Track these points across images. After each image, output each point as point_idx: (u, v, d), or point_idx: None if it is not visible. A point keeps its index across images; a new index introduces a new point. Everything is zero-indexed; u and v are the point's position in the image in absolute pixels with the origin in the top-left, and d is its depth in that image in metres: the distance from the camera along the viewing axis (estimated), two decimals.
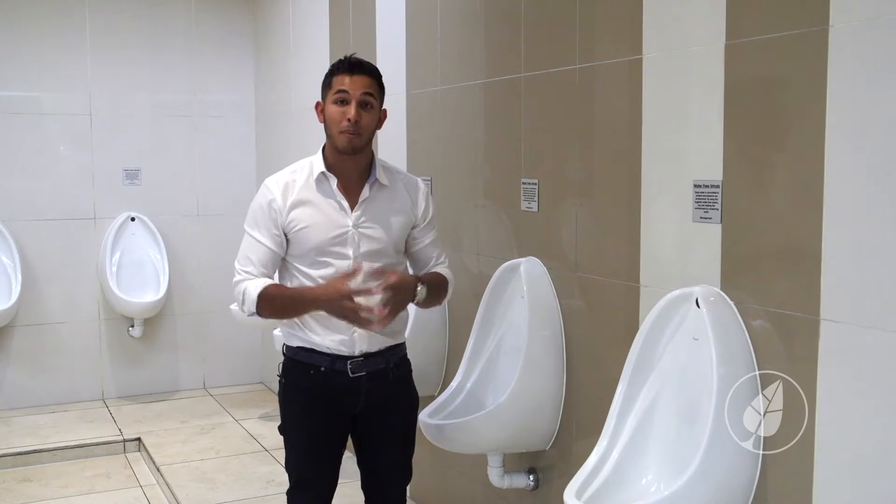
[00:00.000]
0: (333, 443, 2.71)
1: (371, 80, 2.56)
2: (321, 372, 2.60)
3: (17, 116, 5.44)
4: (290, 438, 2.74)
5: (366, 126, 2.54)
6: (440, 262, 2.76)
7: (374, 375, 2.63)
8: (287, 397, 2.73)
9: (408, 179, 2.72)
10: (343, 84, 2.53)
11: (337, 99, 2.53)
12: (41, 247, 5.51)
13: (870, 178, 1.88)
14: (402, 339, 2.73)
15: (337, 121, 2.53)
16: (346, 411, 2.66)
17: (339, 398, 2.63)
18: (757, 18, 2.14)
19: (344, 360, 2.59)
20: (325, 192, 2.58)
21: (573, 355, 2.88)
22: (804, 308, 2.03)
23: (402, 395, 2.74)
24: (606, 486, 2.25)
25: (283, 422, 2.77)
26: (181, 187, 5.87)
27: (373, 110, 2.56)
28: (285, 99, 5.44)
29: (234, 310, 5.08)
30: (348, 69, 2.54)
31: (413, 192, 2.69)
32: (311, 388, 2.63)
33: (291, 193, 2.57)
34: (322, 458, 2.70)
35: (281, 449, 4.77)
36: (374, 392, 2.64)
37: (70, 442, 4.87)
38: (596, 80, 2.70)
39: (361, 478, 2.82)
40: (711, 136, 2.27)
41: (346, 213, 2.57)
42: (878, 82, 1.85)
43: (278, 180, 2.60)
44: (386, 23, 4.05)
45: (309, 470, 2.70)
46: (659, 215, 2.48)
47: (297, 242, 2.57)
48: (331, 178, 2.58)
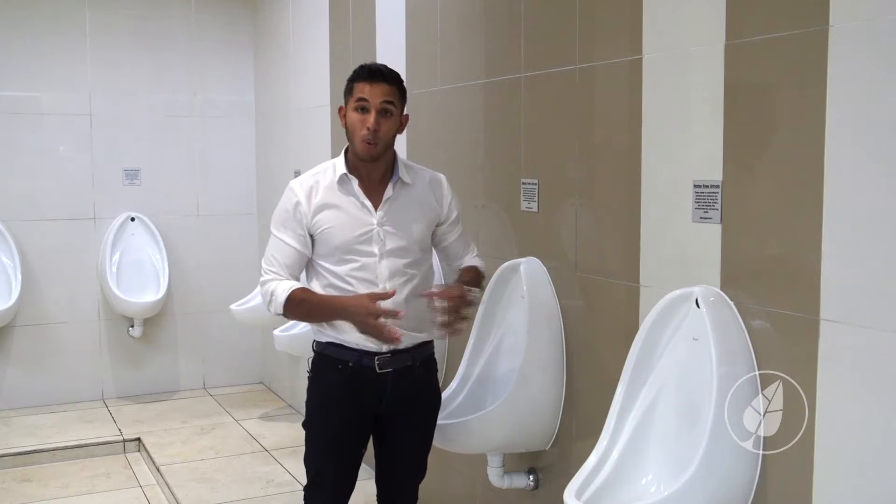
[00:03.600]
0: (355, 440, 2.73)
1: (391, 88, 2.60)
2: (349, 367, 2.64)
3: (18, 116, 5.45)
4: (312, 432, 2.75)
5: (385, 134, 2.59)
6: (468, 253, 2.84)
7: (401, 372, 2.66)
8: (313, 391, 2.75)
9: (432, 176, 2.77)
10: (363, 92, 2.57)
11: (357, 107, 2.58)
12: (41, 247, 5.52)
13: (870, 178, 1.88)
14: (429, 336, 2.75)
15: (357, 129, 2.58)
16: (370, 408, 2.69)
17: (365, 394, 2.66)
18: (757, 18, 2.14)
19: (371, 355, 2.63)
20: (348, 192, 2.64)
21: (573, 355, 2.88)
22: (804, 308, 2.03)
23: (425, 393, 2.77)
24: (606, 486, 2.25)
25: (307, 416, 2.78)
26: (181, 187, 5.87)
27: (392, 117, 2.60)
28: (285, 99, 5.44)
29: (234, 309, 5.09)
30: (368, 77, 2.59)
31: (437, 189, 2.75)
32: (337, 382, 2.66)
33: (316, 195, 2.62)
34: (343, 453, 2.72)
35: (281, 449, 4.81)
36: (399, 389, 2.67)
37: (70, 442, 4.88)
38: (596, 80, 2.70)
39: (376, 471, 2.85)
40: (711, 136, 2.27)
41: (369, 212, 2.62)
42: (878, 82, 1.85)
43: (303, 183, 2.65)
44: (386, 23, 4.05)
45: (328, 465, 2.72)
46: (659, 215, 2.48)
47: (322, 242, 2.63)
48: (352, 180, 2.64)
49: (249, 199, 6.04)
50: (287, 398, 5.69)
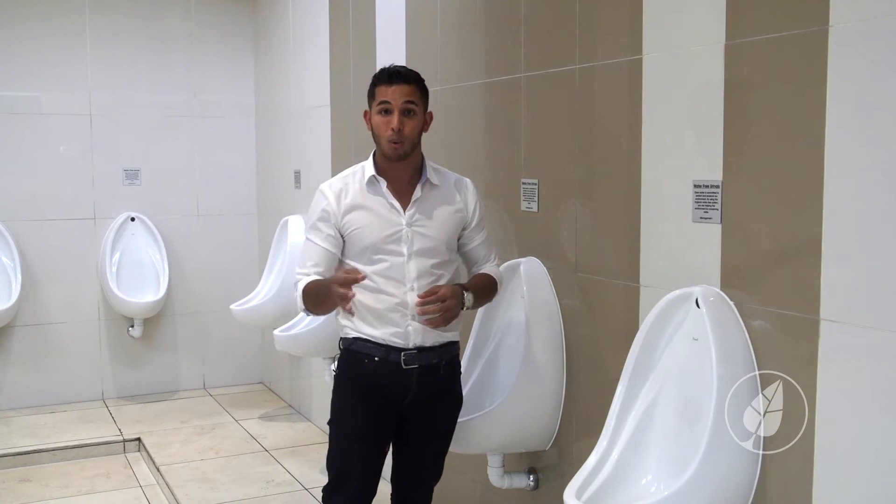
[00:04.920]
0: (378, 438, 2.74)
1: (411, 88, 2.63)
2: (375, 361, 2.65)
3: (18, 116, 5.44)
4: (336, 430, 2.76)
5: (409, 133, 2.63)
6: (489, 261, 2.84)
7: (426, 370, 2.67)
8: (339, 388, 2.76)
9: (458, 179, 2.80)
10: (385, 95, 2.62)
11: (380, 109, 2.64)
12: (41, 247, 5.52)
13: (870, 177, 1.88)
14: (455, 336, 2.76)
15: (382, 130, 2.63)
16: (393, 406, 2.69)
17: (389, 389, 2.67)
18: (757, 18, 2.14)
19: (398, 351, 2.64)
20: (377, 193, 2.68)
21: (573, 355, 2.88)
22: (804, 308, 2.03)
23: (448, 394, 2.77)
24: (606, 486, 2.25)
25: (332, 413, 2.79)
26: (181, 187, 5.87)
27: (416, 116, 2.64)
28: (285, 99, 5.44)
29: (234, 309, 5.09)
30: (388, 80, 2.63)
31: (463, 192, 2.78)
32: (363, 376, 2.67)
33: (346, 197, 2.67)
34: (366, 452, 2.72)
35: (281, 449, 4.81)
36: (423, 387, 2.67)
37: (70, 442, 4.87)
38: (596, 80, 2.70)
39: (393, 470, 2.85)
40: (711, 136, 2.27)
41: (398, 212, 2.66)
42: (878, 82, 1.86)
43: (332, 186, 2.71)
44: (386, 23, 4.05)
45: (352, 464, 2.72)
46: (659, 215, 2.48)
47: (352, 243, 2.67)
48: (381, 181, 2.68)
49: (249, 200, 6.03)
50: (287, 398, 5.69)
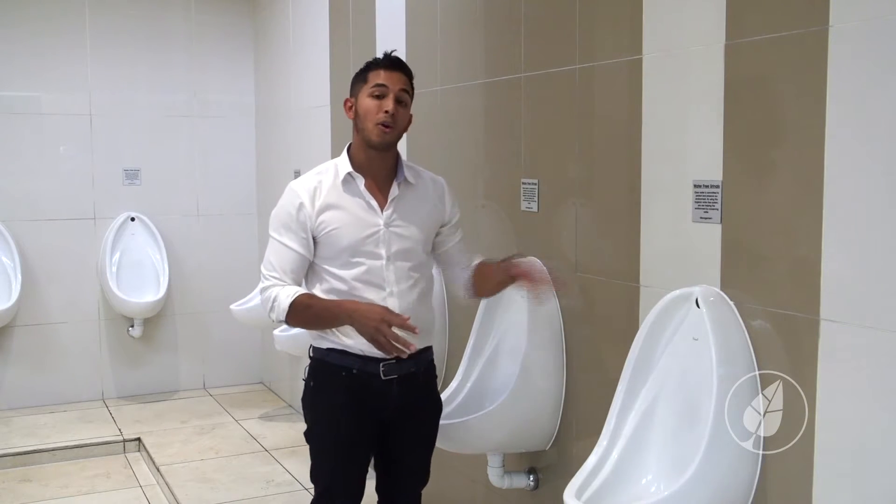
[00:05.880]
0: (363, 449, 2.64)
1: (407, 79, 2.58)
2: (353, 374, 2.55)
3: (18, 116, 5.45)
4: (317, 444, 2.65)
5: (401, 121, 2.55)
6: (471, 260, 2.76)
7: (405, 379, 2.59)
8: (315, 401, 2.64)
9: (432, 177, 2.72)
10: (380, 78, 2.53)
11: (373, 93, 2.52)
12: (41, 247, 5.52)
13: (870, 177, 1.88)
14: (430, 341, 2.70)
15: (373, 112, 2.51)
16: (375, 416, 2.61)
17: (369, 401, 2.57)
18: (757, 18, 2.14)
19: (376, 362, 2.54)
20: (353, 192, 2.55)
21: (573, 355, 2.88)
22: (804, 308, 2.03)
23: (427, 399, 2.73)
24: (606, 486, 2.25)
25: (309, 427, 2.67)
26: (181, 187, 5.87)
27: (406, 108, 2.58)
28: (285, 99, 5.44)
29: (234, 309, 5.09)
30: (387, 65, 2.56)
31: (440, 190, 2.70)
32: (340, 390, 2.56)
33: (319, 196, 2.53)
34: (351, 464, 2.62)
35: (281, 449, 4.81)
36: (403, 397, 2.60)
37: (70, 442, 4.88)
38: (596, 80, 2.70)
39: (377, 479, 2.77)
40: (711, 136, 2.27)
41: (376, 212, 2.55)
42: (878, 82, 1.85)
43: (305, 184, 2.56)
44: (386, 23, 4.05)
45: (338, 477, 2.62)
46: (659, 215, 2.48)
47: (327, 244, 2.53)
48: (357, 179, 2.56)
49: (249, 200, 6.03)
50: (287, 398, 5.69)
